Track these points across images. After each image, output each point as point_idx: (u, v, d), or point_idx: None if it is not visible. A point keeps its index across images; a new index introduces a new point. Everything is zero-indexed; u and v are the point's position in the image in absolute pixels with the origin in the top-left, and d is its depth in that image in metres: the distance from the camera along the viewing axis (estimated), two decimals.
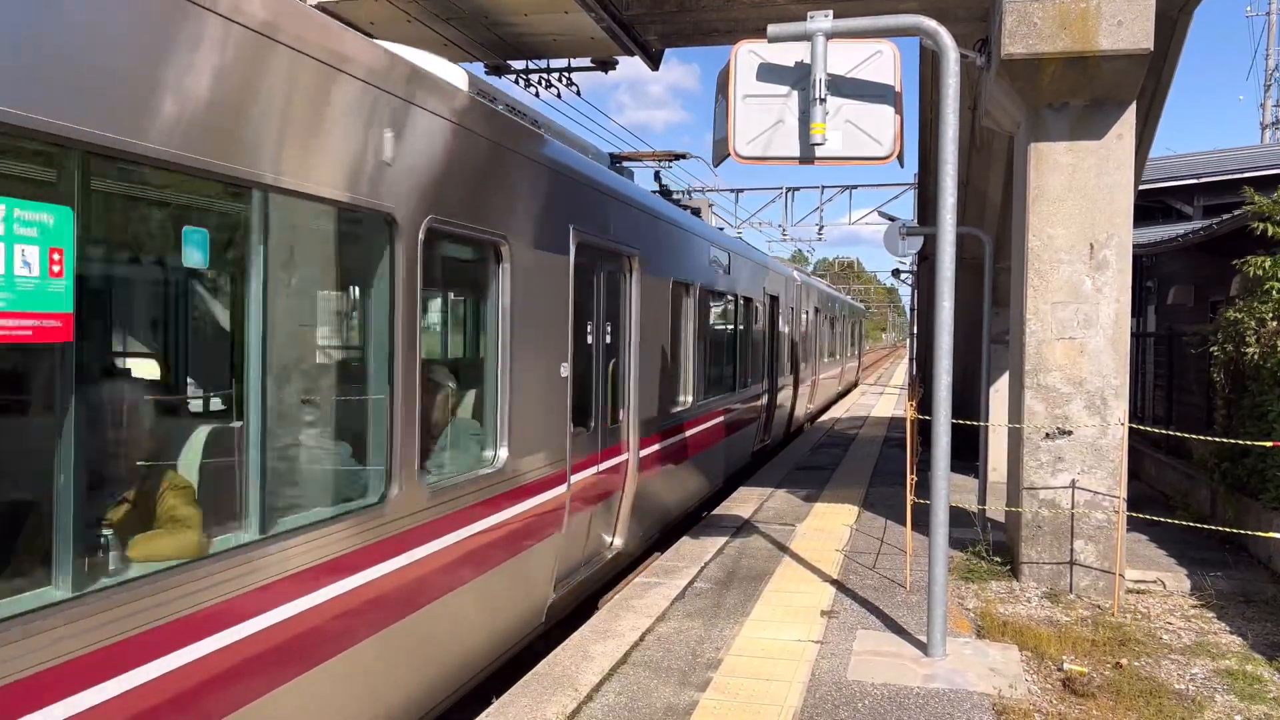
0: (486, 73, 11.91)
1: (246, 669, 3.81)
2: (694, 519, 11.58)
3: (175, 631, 3.43)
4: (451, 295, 7.10)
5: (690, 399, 10.85)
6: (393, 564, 4.76)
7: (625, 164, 10.90)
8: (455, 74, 6.02)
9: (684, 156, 12.93)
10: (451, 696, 5.63)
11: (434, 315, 6.93)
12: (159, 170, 3.44)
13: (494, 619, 5.99)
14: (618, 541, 8.47)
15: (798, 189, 33.27)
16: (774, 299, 16.78)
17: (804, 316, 21.06)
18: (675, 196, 13.30)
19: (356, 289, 5.09)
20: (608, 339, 8.18)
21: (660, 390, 9.57)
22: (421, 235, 4.92)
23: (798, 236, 38.82)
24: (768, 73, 6.69)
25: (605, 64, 11.69)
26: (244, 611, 3.78)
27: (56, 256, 3.01)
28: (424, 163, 5.01)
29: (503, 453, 6.02)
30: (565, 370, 6.96)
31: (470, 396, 6.23)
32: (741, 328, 14.03)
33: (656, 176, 13.01)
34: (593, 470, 7.67)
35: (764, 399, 15.93)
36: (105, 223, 3.70)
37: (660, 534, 10.17)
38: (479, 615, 5.76)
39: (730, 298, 13.30)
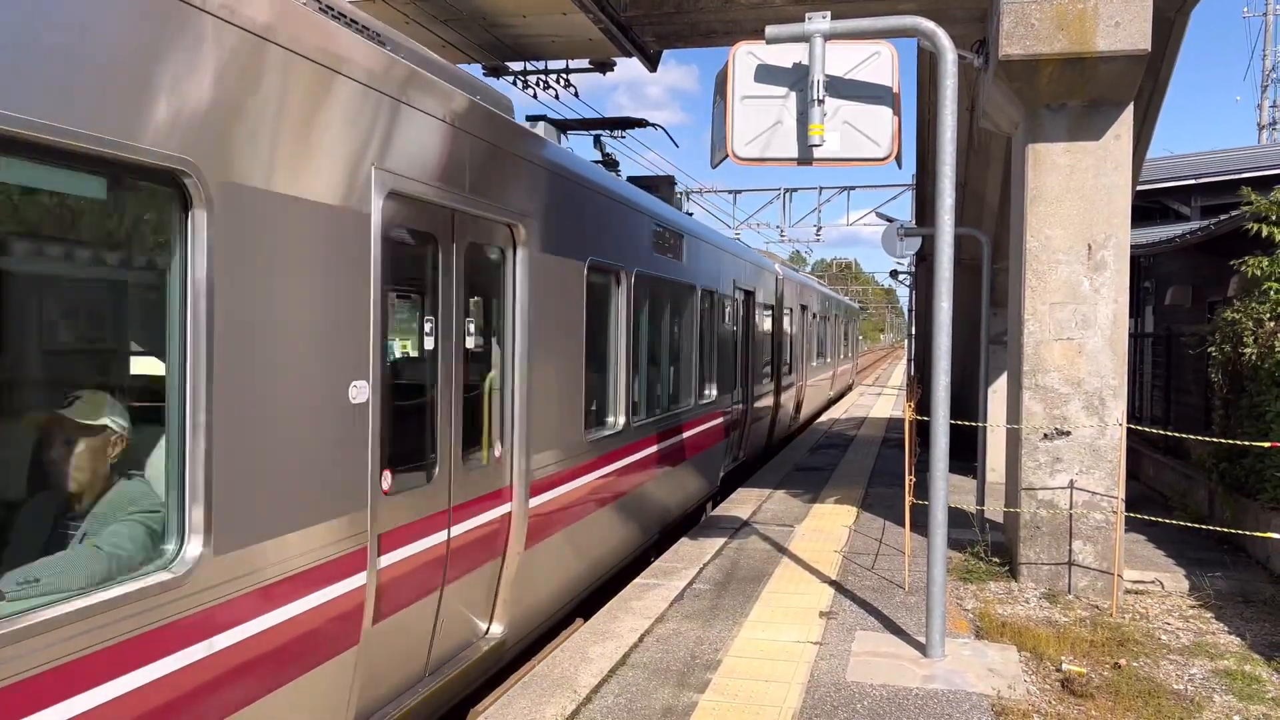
0: (485, 74, 11.91)
1: None
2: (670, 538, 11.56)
3: None
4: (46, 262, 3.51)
5: (623, 420, 8.52)
6: None
7: (568, 132, 8.99)
8: None
9: (640, 124, 11.15)
10: None
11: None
12: None
13: None
14: (496, 629, 6.16)
15: (796, 190, 33.31)
16: (749, 294, 14.89)
17: (787, 315, 19.20)
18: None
19: None
20: (471, 343, 5.87)
21: (571, 412, 7.21)
22: None
23: (796, 237, 38.78)
24: (766, 74, 6.70)
25: (603, 65, 11.69)
26: None
27: None
28: None
29: (194, 545, 3.53)
30: (361, 392, 4.49)
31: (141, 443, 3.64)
32: (703, 328, 11.77)
33: (597, 143, 11.04)
34: (435, 538, 5.28)
35: (736, 411, 14.04)
36: None
37: (575, 605, 7.84)
38: None
39: (686, 290, 10.97)
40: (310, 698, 4.18)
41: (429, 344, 5.37)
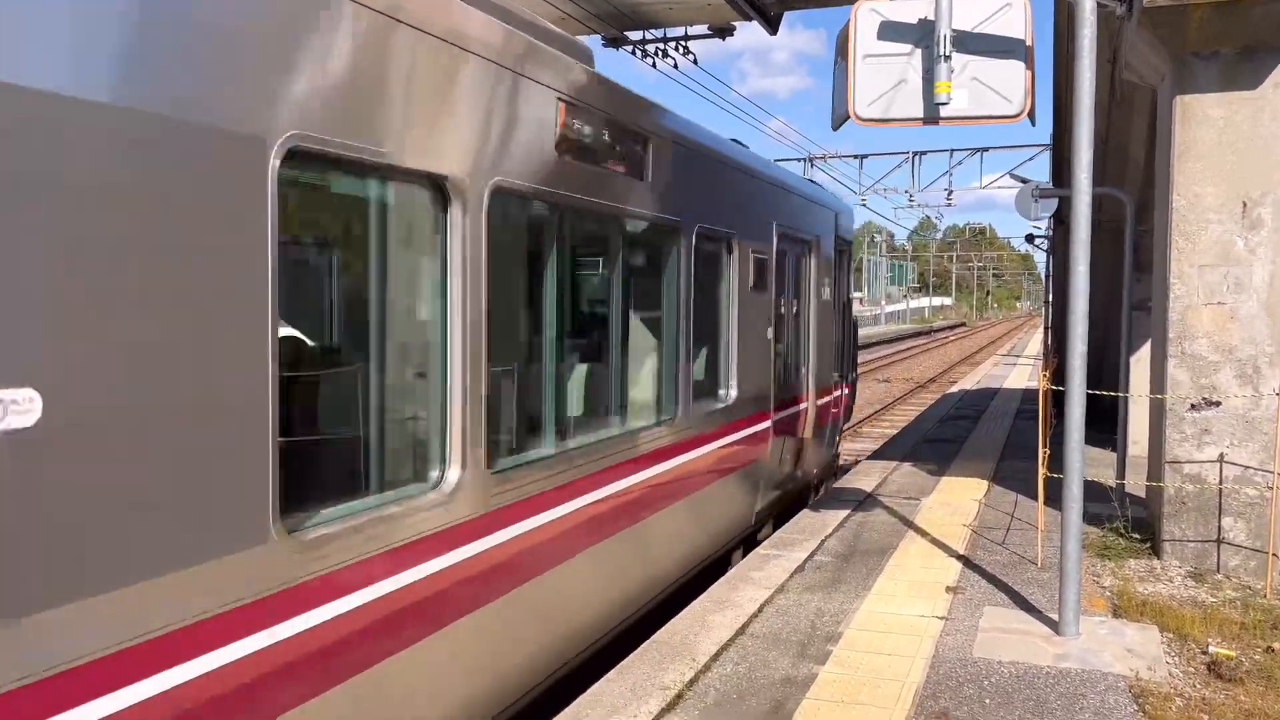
0: (604, 45, 11.92)
1: None
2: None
3: None
4: None
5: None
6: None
7: None
8: None
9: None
10: None
11: None
12: None
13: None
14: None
15: (925, 153, 32.34)
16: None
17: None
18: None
19: None
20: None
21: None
22: None
23: (926, 202, 37.65)
24: (889, 31, 6.47)
25: (722, 30, 11.54)
26: None
27: None
28: None
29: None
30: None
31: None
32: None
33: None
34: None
35: None
36: None
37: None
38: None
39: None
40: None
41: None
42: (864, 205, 31.40)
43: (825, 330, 11.12)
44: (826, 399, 11.34)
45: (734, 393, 8.19)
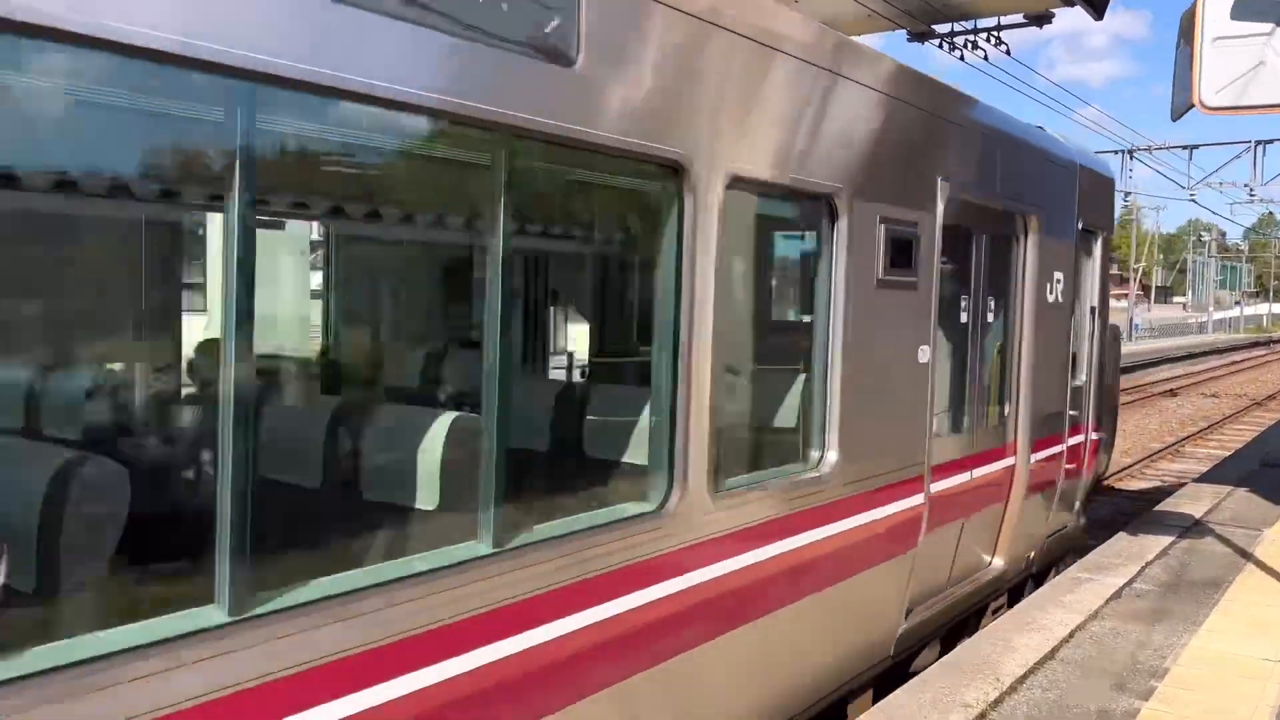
0: (909, 39, 11.60)
1: None
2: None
3: None
4: None
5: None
6: None
7: None
8: None
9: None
10: None
11: None
12: None
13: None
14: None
15: (1271, 141, 28.76)
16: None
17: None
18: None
19: None
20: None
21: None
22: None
23: (1269, 197, 33.53)
24: (1244, 9, 5.83)
25: (1040, 19, 10.88)
26: None
27: None
28: None
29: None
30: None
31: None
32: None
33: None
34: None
35: None
36: None
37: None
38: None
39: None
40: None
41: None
42: (1193, 200, 28.52)
43: (1052, 350, 7.54)
44: (1051, 451, 7.67)
45: (835, 456, 5.04)
